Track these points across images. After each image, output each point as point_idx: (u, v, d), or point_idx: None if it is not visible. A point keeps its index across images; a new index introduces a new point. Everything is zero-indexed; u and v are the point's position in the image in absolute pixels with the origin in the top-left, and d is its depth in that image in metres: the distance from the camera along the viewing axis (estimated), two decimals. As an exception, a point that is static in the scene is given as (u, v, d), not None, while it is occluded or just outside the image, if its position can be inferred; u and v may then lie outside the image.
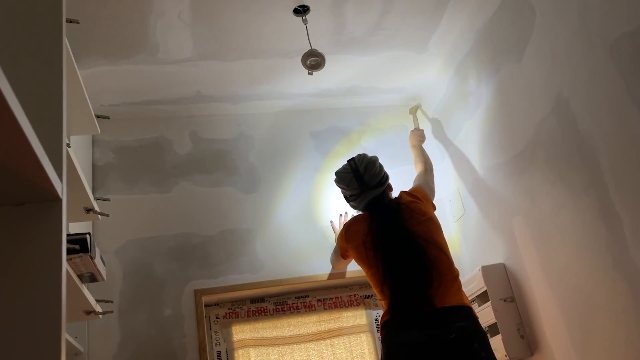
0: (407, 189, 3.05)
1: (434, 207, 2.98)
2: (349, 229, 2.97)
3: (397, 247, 2.70)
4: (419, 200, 2.91)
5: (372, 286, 2.80)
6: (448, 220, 3.87)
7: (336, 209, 3.79)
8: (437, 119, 3.98)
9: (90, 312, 2.42)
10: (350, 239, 2.92)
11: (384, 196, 2.90)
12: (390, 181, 2.98)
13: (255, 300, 3.76)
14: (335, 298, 3.85)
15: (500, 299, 3.11)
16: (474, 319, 2.56)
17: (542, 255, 2.86)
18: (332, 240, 3.70)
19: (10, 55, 1.34)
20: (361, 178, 2.87)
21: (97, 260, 2.30)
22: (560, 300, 2.75)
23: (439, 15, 3.37)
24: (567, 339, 2.72)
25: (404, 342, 2.50)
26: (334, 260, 3.36)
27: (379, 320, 2.69)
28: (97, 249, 2.32)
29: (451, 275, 2.64)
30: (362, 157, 2.93)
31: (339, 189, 3.02)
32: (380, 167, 2.94)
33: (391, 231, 2.75)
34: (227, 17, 3.12)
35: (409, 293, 2.60)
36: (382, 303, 2.72)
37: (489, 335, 3.13)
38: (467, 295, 3.28)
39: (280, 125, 4.06)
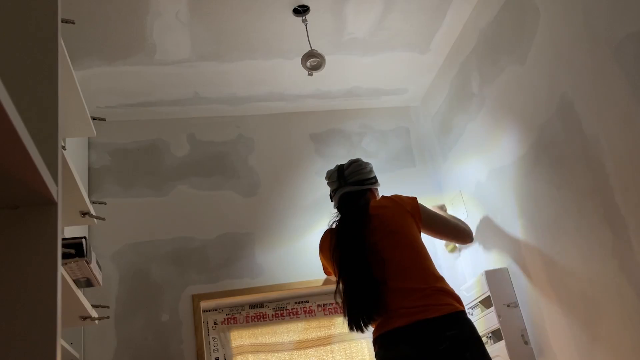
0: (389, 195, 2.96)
1: (414, 213, 2.80)
2: (322, 245, 2.94)
3: (348, 264, 2.68)
4: (394, 204, 2.80)
5: None
6: (450, 224, 3.86)
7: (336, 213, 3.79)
8: (439, 120, 3.98)
9: (86, 317, 2.41)
10: (324, 255, 2.91)
11: (358, 197, 2.84)
12: (392, 184, 2.96)
13: (254, 305, 3.76)
14: (336, 303, 3.83)
15: (504, 305, 3.11)
16: (466, 324, 2.50)
17: (546, 260, 2.86)
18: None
19: (5, 56, 1.34)
20: (342, 172, 2.87)
21: (93, 265, 2.30)
22: (565, 306, 2.75)
23: (441, 15, 3.37)
24: (572, 345, 2.71)
25: (395, 357, 2.48)
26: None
27: (372, 335, 2.65)
28: (93, 254, 2.31)
29: (424, 287, 2.55)
30: (353, 158, 2.93)
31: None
32: (369, 170, 2.90)
33: (345, 245, 2.72)
34: (226, 17, 3.12)
35: (355, 305, 2.59)
36: None
37: (492, 341, 3.13)
38: (470, 300, 3.29)
39: (280, 127, 4.06)
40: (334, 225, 2.89)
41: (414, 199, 2.83)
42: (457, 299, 2.58)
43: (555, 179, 2.73)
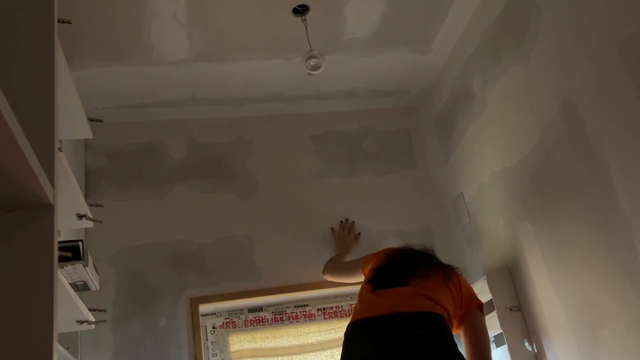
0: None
1: (461, 316, 2.65)
2: (380, 252, 2.99)
3: (409, 255, 2.79)
4: (465, 287, 2.76)
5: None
6: (452, 226, 3.86)
7: (337, 216, 3.79)
8: (441, 121, 3.97)
9: (82, 321, 2.41)
10: (375, 259, 2.95)
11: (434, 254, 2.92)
12: (393, 187, 2.99)
13: (253, 309, 3.76)
14: (336, 307, 3.84)
15: (506, 308, 3.11)
16: (438, 325, 2.40)
17: (549, 263, 2.86)
18: (332, 247, 3.70)
19: (1, 57, 1.34)
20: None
21: (90, 268, 2.30)
22: (568, 310, 2.75)
23: (443, 15, 3.37)
24: (575, 349, 2.71)
25: (357, 357, 2.42)
26: (339, 268, 3.38)
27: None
28: (90, 257, 2.32)
29: (430, 305, 2.50)
30: None
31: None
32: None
33: (409, 254, 2.83)
34: (224, 17, 3.12)
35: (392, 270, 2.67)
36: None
37: (494, 346, 3.13)
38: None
39: (279, 128, 4.06)
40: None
41: (472, 294, 2.80)
42: (443, 307, 2.52)
43: (558, 182, 2.73)
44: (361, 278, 3.09)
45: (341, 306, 3.84)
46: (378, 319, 2.43)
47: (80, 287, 2.38)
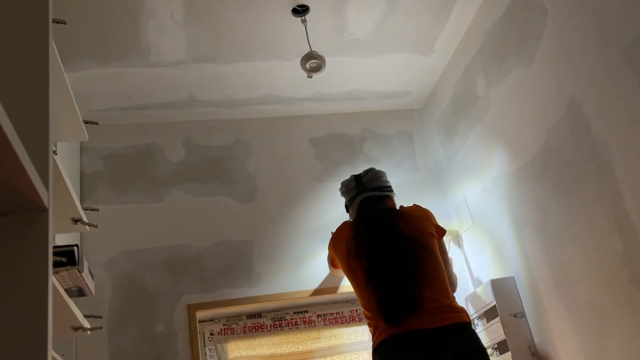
0: (409, 204, 3.02)
1: (438, 231, 2.88)
2: (336, 236, 2.97)
3: (384, 250, 2.69)
4: (427, 216, 2.89)
5: (359, 300, 2.77)
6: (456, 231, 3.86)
7: (337, 220, 3.78)
8: (443, 124, 3.98)
9: (78, 328, 2.41)
10: (337, 246, 2.91)
11: (380, 201, 2.88)
12: (395, 191, 2.98)
13: (251, 315, 3.75)
14: (336, 314, 3.83)
15: (510, 315, 3.11)
16: (472, 335, 2.55)
17: (554, 269, 2.86)
18: (332, 252, 3.70)
19: (-6, 58, 1.34)
20: (360, 179, 2.93)
21: (85, 274, 2.30)
22: (573, 316, 2.74)
23: (446, 15, 3.37)
24: (580, 357, 2.71)
25: None
26: (331, 270, 3.39)
27: (372, 344, 2.65)
28: (85, 262, 2.31)
29: (437, 299, 2.60)
30: (368, 168, 3.02)
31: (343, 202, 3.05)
32: (386, 179, 2.97)
33: (377, 233, 2.75)
34: (222, 17, 3.13)
35: (396, 293, 2.59)
36: (370, 324, 2.69)
37: (498, 353, 3.12)
38: (475, 310, 3.29)
39: (278, 131, 4.06)
40: (354, 221, 2.91)
41: (429, 212, 2.94)
42: (464, 312, 2.63)
43: (563, 185, 2.73)
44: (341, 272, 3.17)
45: (342, 312, 3.84)
46: (414, 333, 2.51)
47: (76, 293, 2.38)
